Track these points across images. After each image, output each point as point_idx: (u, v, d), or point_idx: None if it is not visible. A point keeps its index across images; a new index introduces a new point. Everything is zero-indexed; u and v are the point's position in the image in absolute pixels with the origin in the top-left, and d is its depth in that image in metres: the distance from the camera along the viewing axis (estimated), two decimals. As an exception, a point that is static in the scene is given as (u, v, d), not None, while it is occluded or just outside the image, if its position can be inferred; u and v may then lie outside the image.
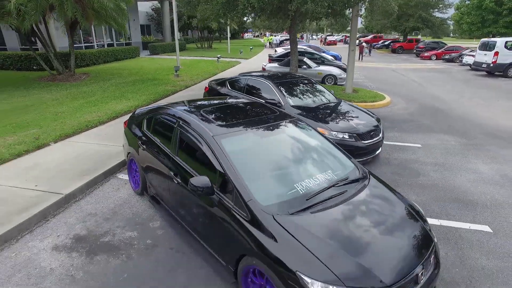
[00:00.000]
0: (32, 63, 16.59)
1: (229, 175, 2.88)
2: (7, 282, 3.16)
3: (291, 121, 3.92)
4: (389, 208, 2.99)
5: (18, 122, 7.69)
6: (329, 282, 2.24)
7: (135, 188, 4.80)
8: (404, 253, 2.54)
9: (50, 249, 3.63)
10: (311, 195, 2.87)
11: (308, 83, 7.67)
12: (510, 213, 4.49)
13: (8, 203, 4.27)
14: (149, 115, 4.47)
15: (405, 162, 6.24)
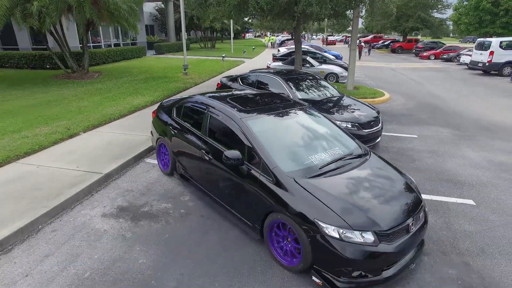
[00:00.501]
0: (45, 62, 17.27)
1: (256, 149, 3.54)
2: (72, 238, 3.82)
3: (303, 108, 4.59)
4: (385, 175, 3.65)
5: (47, 115, 8.35)
6: (341, 227, 2.90)
7: (164, 169, 5.46)
8: (398, 208, 3.20)
9: (100, 216, 4.29)
10: (323, 164, 3.54)
11: (313, 79, 8.34)
12: (492, 191, 5.15)
13: (58, 181, 4.93)
14: (178, 104, 5.13)
15: (402, 150, 6.90)
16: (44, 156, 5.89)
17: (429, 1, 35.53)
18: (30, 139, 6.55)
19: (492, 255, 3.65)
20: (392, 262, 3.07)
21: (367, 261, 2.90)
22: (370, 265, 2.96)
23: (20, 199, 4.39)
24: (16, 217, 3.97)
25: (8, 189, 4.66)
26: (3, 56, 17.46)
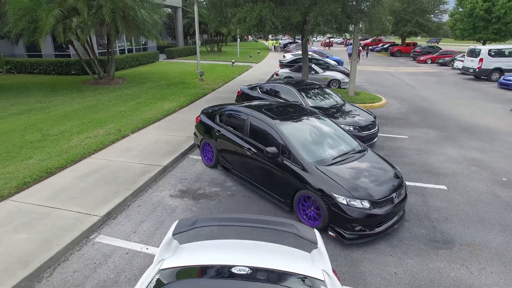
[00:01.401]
0: (71, 68, 18.83)
1: (288, 146, 5.09)
2: (154, 211, 5.37)
3: (317, 115, 6.14)
4: (378, 165, 5.20)
5: (97, 118, 9.90)
6: (347, 197, 4.45)
7: (207, 163, 7.00)
8: (386, 187, 4.74)
9: (168, 197, 5.84)
10: (334, 157, 5.09)
11: (320, 88, 9.87)
12: (461, 179, 6.69)
13: (129, 171, 6.47)
14: (220, 112, 6.67)
15: (395, 148, 8.44)
16: (109, 153, 7.44)
17: (427, 7, 37.05)
18: (93, 139, 8.09)
19: (452, 222, 5.20)
20: (381, 222, 4.61)
21: (365, 220, 4.45)
22: (366, 223, 4.50)
23: (109, 184, 5.93)
24: (112, 196, 5.52)
25: (96, 177, 6.20)
26: (33, 63, 18.99)
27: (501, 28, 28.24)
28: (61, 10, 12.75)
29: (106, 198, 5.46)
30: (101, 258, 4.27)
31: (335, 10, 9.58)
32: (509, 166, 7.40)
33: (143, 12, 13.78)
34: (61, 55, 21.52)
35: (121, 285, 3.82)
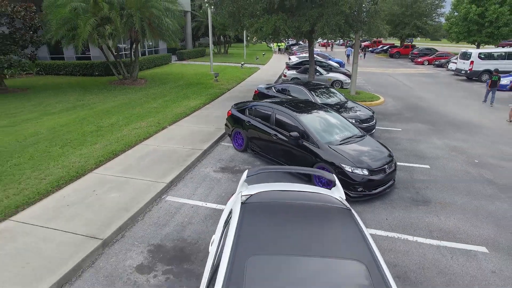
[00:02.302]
0: (94, 70, 20.52)
1: (307, 131, 6.76)
2: (204, 181, 7.04)
3: (326, 109, 7.83)
4: (374, 145, 6.88)
5: (136, 113, 11.57)
6: (352, 166, 6.12)
7: (238, 148, 8.66)
8: (380, 161, 6.42)
9: (213, 171, 7.51)
10: (342, 139, 6.77)
11: (326, 87, 11.55)
12: (442, 161, 8.36)
13: (177, 153, 8.14)
14: (249, 107, 8.34)
15: (390, 138, 10.10)
16: (155, 140, 9.11)
17: (424, 10, 38.73)
18: (139, 130, 9.77)
19: (431, 189, 6.86)
20: (377, 185, 6.28)
21: (365, 184, 6.11)
22: (366, 186, 6.16)
23: (164, 162, 7.60)
24: (170, 170, 7.19)
25: (152, 158, 7.86)
26: (60, 65, 20.69)
27: (493, 31, 29.89)
28: (96, 19, 14.42)
29: (166, 172, 7.13)
30: (174, 209, 5.94)
31: (339, 22, 11.25)
32: (482, 152, 9.07)
33: (167, 20, 15.45)
34: (82, 57, 23.18)
35: (194, 225, 5.49)
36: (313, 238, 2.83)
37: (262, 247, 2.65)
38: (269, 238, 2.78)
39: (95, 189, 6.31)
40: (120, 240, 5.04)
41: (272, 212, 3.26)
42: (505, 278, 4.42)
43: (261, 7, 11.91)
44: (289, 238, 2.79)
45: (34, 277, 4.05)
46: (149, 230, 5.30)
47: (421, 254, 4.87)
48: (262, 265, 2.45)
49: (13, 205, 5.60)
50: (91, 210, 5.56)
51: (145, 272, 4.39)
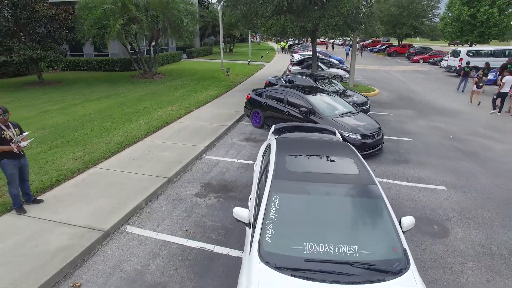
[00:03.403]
0: (115, 66, 22.43)
1: (313, 108, 8.67)
2: (232, 147, 8.93)
3: (328, 92, 9.74)
4: (365, 118, 8.79)
5: (165, 100, 13.46)
6: (349, 132, 8.02)
7: (256, 125, 10.55)
8: (371, 128, 8.32)
9: (238, 141, 9.40)
10: (340, 113, 8.68)
11: (327, 78, 13.43)
12: (423, 136, 10.23)
13: (207, 128, 10.03)
14: (266, 91, 10.23)
15: (382, 120, 11.96)
16: (186, 119, 10.99)
17: (421, 11, 40.63)
18: (171, 112, 11.66)
19: (411, 154, 8.74)
20: (369, 148, 8.17)
21: (358, 146, 8.00)
22: (360, 147, 8.04)
23: (197, 134, 9.48)
24: (204, 139, 9.06)
25: (187, 131, 9.74)
26: (83, 61, 22.59)
27: (484, 31, 31.77)
28: (123, 19, 16.30)
29: (201, 140, 9.01)
30: (214, 163, 7.83)
31: (338, 22, 13.14)
32: (457, 130, 10.96)
33: (186, 21, 17.35)
34: (100, 54, 25.10)
35: (230, 172, 7.37)
36: (321, 149, 4.73)
37: (293, 152, 4.53)
38: (294, 151, 4.65)
39: (150, 150, 8.20)
40: (179, 180, 6.94)
41: (295, 142, 5.15)
42: (453, 202, 6.30)
43: (271, 9, 13.78)
44: (308, 151, 4.67)
45: (130, 196, 5.94)
46: (198, 175, 7.20)
47: (398, 190, 6.76)
48: (293, 160, 4.34)
49: (94, 159, 7.49)
50: (152, 162, 7.46)
51: (201, 197, 6.28)
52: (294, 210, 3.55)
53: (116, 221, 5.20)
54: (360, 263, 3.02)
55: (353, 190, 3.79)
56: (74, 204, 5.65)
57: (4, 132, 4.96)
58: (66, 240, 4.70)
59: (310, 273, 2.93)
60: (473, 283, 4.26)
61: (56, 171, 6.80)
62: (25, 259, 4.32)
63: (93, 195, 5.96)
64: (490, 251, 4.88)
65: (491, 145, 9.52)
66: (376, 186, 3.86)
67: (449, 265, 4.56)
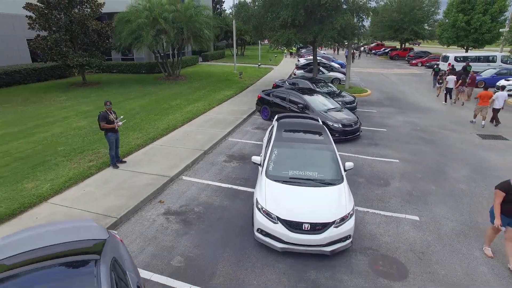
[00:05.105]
0: (141, 69, 25.72)
1: (307, 104, 11.65)
2: (247, 134, 11.96)
3: (321, 93, 12.71)
4: (348, 113, 11.75)
5: (189, 98, 16.57)
6: (333, 122, 10.99)
7: (264, 118, 13.56)
8: (350, 120, 11.25)
9: (251, 129, 12.42)
10: (328, 109, 11.64)
11: (324, 82, 16.37)
12: (397, 128, 13.08)
13: (227, 120, 13.07)
14: (272, 92, 13.24)
15: (367, 116, 14.83)
16: (211, 113, 14.06)
17: (421, 17, 43.06)
18: (198, 107, 14.74)
19: (383, 140, 11.62)
20: (348, 134, 11.09)
21: (340, 132, 10.93)
22: (341, 133, 10.98)
23: (220, 124, 12.53)
24: (226, 127, 12.10)
25: (212, 122, 12.79)
26: (115, 65, 25.95)
27: (478, 37, 34.17)
28: (154, 30, 19.49)
29: (224, 128, 12.05)
30: (234, 143, 10.85)
31: (333, 35, 16.05)
32: (425, 124, 13.74)
33: (206, 31, 20.47)
34: (126, 59, 28.44)
35: (247, 148, 10.38)
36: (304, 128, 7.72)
37: (287, 128, 7.52)
38: (288, 128, 7.63)
39: (188, 134, 11.29)
40: (211, 152, 10.00)
41: (290, 122, 8.15)
42: (399, 169, 9.18)
43: (278, 24, 16.74)
44: (296, 128, 7.66)
45: (181, 160, 8.99)
46: (224, 150, 10.25)
47: (364, 161, 9.66)
48: (287, 133, 7.33)
49: (150, 138, 10.60)
50: (191, 142, 10.53)
51: (228, 162, 9.32)
52: (285, 156, 6.55)
53: (176, 172, 8.26)
54: (317, 179, 6.01)
55: (318, 147, 6.78)
56: (146, 163, 8.75)
57: (110, 116, 8.07)
58: (148, 180, 7.78)
59: (291, 183, 5.92)
60: (393, 205, 7.17)
61: (128, 145, 9.93)
62: (127, 189, 7.40)
63: (157, 159, 9.05)
64: (411, 193, 7.77)
65: (449, 134, 12.31)
66: (332, 146, 6.84)
67: (382, 199, 7.48)
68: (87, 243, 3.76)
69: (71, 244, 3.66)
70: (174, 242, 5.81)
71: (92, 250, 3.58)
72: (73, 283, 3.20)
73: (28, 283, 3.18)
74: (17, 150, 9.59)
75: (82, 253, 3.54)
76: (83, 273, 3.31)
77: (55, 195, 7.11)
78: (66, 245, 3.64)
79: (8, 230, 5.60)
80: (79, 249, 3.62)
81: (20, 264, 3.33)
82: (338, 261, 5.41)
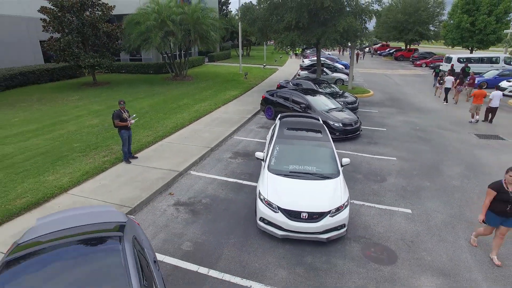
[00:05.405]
0: (149, 69, 26.40)
1: (310, 104, 12.15)
2: (251, 131, 12.51)
3: (323, 93, 13.20)
4: (349, 113, 12.22)
5: (196, 98, 17.16)
6: (334, 121, 11.48)
7: (268, 117, 14.09)
8: (350, 120, 11.73)
9: (255, 128, 12.95)
10: (330, 109, 12.14)
11: (327, 82, 16.84)
12: (396, 127, 13.51)
13: (233, 119, 13.63)
14: (276, 92, 13.77)
15: (368, 116, 15.27)
16: (216, 113, 14.63)
17: (426, 18, 43.20)
18: (204, 107, 15.32)
19: (383, 139, 12.07)
20: (348, 133, 11.57)
21: (341, 131, 11.42)
22: (341, 132, 11.46)
23: (226, 123, 13.08)
24: (231, 126, 12.64)
25: (218, 121, 13.34)
26: (123, 65, 26.69)
27: (483, 38, 34.28)
28: (162, 32, 20.12)
29: (230, 127, 12.59)
30: (239, 141, 11.40)
31: (336, 37, 16.51)
32: (424, 123, 14.15)
33: (212, 33, 21.05)
34: (134, 59, 29.16)
35: (251, 146, 10.91)
36: (305, 126, 8.24)
37: (288, 127, 8.04)
38: (290, 126, 8.15)
39: (195, 132, 11.87)
40: (217, 149, 10.56)
41: (292, 121, 8.67)
42: (396, 166, 9.64)
43: (282, 26, 17.25)
44: (297, 126, 8.18)
45: (189, 156, 9.57)
46: (229, 147, 10.80)
47: (362, 159, 10.13)
48: (288, 130, 7.85)
49: (159, 136, 11.19)
50: (198, 139, 11.10)
51: (233, 158, 9.86)
52: (286, 152, 7.08)
53: (184, 167, 8.83)
54: (315, 173, 6.52)
55: (317, 144, 7.30)
56: (157, 159, 9.34)
57: (123, 114, 8.67)
58: (159, 175, 8.36)
59: (291, 176, 6.44)
60: (388, 199, 7.65)
61: (139, 142, 10.54)
62: (140, 182, 7.98)
63: (166, 155, 9.64)
64: (405, 189, 8.24)
65: (447, 134, 12.72)
66: (330, 143, 7.34)
67: (378, 193, 7.96)
68: (110, 224, 4.31)
69: (96, 225, 4.23)
70: (183, 230, 6.37)
71: (115, 230, 4.14)
72: (101, 257, 3.76)
73: (61, 256, 3.75)
74: (37, 146, 10.25)
75: (107, 232, 4.10)
76: (109, 248, 3.86)
77: (74, 187, 7.72)
78: (92, 226, 4.21)
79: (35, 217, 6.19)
80: (104, 229, 4.18)
81: (54, 240, 3.90)
82: (333, 247, 5.92)
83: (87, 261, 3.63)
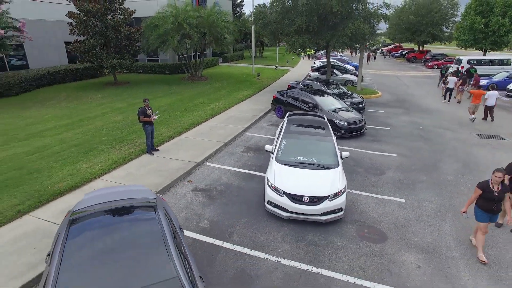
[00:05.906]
0: (166, 69, 27.66)
1: (317, 104, 13.00)
2: (262, 128, 13.43)
3: (331, 94, 14.01)
4: (354, 113, 13.00)
5: (211, 98, 18.20)
6: (340, 120, 12.30)
7: (279, 116, 14.98)
8: (355, 119, 12.51)
9: (266, 125, 13.87)
10: (336, 108, 12.95)
11: (335, 84, 17.60)
12: (400, 127, 14.19)
13: (245, 117, 14.58)
14: (287, 92, 14.65)
15: (374, 116, 15.98)
16: (230, 111, 15.61)
17: (439, 19, 43.20)
18: (219, 106, 16.33)
19: (387, 137, 12.80)
20: (352, 131, 12.35)
21: (346, 130, 12.23)
22: (346, 130, 12.26)
23: (240, 121, 14.04)
24: (244, 123, 13.60)
25: (232, 119, 14.31)
26: (141, 66, 28.03)
27: (496, 40, 34.21)
28: (179, 35, 21.24)
29: (243, 124, 13.55)
30: (251, 137, 12.33)
31: (345, 40, 17.26)
32: (427, 123, 14.77)
33: (226, 35, 22.08)
34: (151, 60, 30.47)
35: (262, 142, 11.83)
36: (310, 123, 9.11)
37: (295, 123, 8.94)
38: (297, 123, 9.04)
39: (210, 128, 12.88)
40: (231, 144, 11.53)
41: (299, 119, 9.57)
42: (396, 162, 10.39)
43: (293, 30, 18.11)
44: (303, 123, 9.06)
45: (206, 150, 10.56)
46: (242, 142, 11.76)
47: (365, 155, 10.91)
48: (295, 127, 8.74)
49: (178, 132, 12.25)
50: (213, 135, 12.09)
51: (245, 152, 10.81)
52: (292, 145, 7.98)
53: (201, 159, 9.83)
54: (317, 164, 7.40)
55: (320, 138, 8.18)
56: (176, 152, 10.37)
57: (148, 111, 9.73)
58: (180, 165, 9.38)
59: (296, 166, 7.34)
60: (385, 190, 8.45)
61: (159, 136, 11.61)
62: (162, 171, 9.01)
63: (185, 148, 10.67)
64: (402, 182, 9.01)
65: (446, 134, 13.34)
66: (331, 138, 8.21)
67: (376, 185, 8.76)
68: (143, 199, 5.31)
69: (133, 200, 5.23)
70: (201, 211, 7.36)
71: (149, 201, 5.13)
72: (141, 220, 4.75)
73: (108, 219, 4.76)
74: (70, 139, 11.45)
75: (143, 202, 5.09)
76: (147, 215, 4.85)
77: (105, 173, 8.81)
78: (130, 199, 5.21)
79: (75, 198, 7.29)
80: (140, 202, 5.18)
81: (101, 208, 4.91)
82: (331, 228, 6.79)
83: (131, 222, 4.64)
